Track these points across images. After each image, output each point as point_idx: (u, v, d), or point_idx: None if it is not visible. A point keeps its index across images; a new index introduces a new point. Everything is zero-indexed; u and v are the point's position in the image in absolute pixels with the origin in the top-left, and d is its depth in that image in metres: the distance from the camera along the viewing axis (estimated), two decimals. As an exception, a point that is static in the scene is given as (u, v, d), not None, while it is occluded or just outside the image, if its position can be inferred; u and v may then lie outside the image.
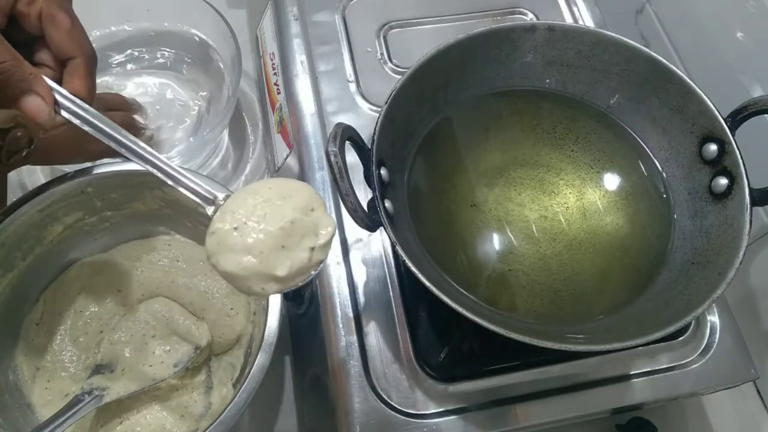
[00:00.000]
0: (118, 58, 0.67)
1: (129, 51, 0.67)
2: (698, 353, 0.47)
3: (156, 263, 0.53)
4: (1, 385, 0.46)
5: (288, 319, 0.56)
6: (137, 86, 0.66)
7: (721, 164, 0.44)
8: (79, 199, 0.48)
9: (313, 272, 0.34)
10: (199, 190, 0.36)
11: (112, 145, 0.35)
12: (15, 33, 0.36)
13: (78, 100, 0.36)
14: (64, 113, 0.36)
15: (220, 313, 0.50)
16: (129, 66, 0.67)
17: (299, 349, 0.54)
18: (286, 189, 0.34)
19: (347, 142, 0.39)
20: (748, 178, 0.42)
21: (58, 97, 0.35)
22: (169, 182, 0.36)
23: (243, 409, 0.40)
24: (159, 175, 0.36)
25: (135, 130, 0.58)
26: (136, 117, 0.60)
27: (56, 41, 0.36)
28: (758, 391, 0.57)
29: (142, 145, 0.36)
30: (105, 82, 0.65)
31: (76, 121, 0.35)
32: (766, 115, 0.43)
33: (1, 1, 0.35)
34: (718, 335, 0.48)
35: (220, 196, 0.35)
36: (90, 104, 0.36)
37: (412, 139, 0.47)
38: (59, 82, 0.36)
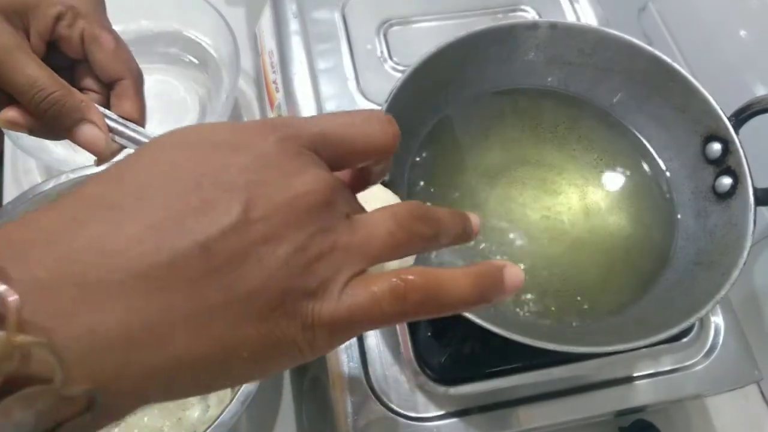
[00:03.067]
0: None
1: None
2: (702, 355, 0.47)
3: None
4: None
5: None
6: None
7: (725, 163, 0.43)
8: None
9: (410, 263, 0.33)
10: None
11: None
12: (54, 58, 0.34)
13: (131, 124, 0.34)
14: (118, 139, 0.34)
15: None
16: (127, 64, 0.66)
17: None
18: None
19: (347, 141, 0.39)
20: (752, 177, 0.42)
21: (110, 123, 0.34)
22: None
23: (241, 412, 0.40)
24: None
25: None
26: None
27: (102, 63, 0.34)
28: (762, 393, 0.56)
29: None
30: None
31: (132, 146, 0.34)
32: (770, 114, 0.42)
33: (39, 26, 0.33)
34: (722, 337, 0.47)
35: None
36: (143, 126, 0.35)
37: (413, 138, 0.47)
38: (107, 107, 0.35)
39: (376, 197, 0.32)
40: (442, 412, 0.43)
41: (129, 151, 0.34)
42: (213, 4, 0.62)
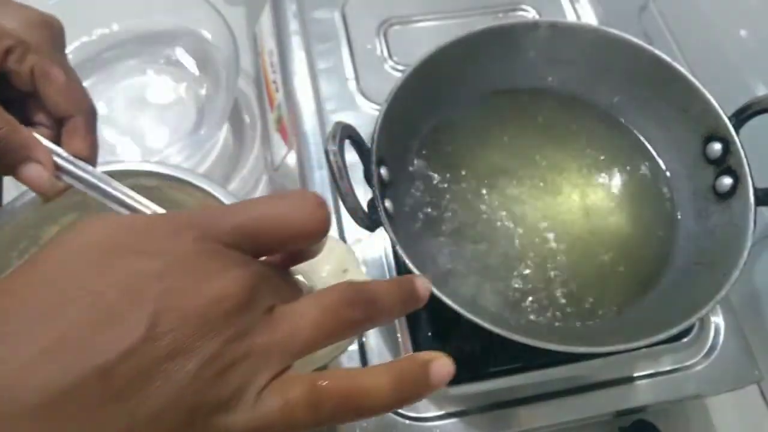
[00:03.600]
0: (115, 55, 0.66)
1: (127, 48, 0.66)
2: (702, 355, 0.47)
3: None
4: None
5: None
6: (134, 84, 0.65)
7: (726, 163, 0.43)
8: (76, 200, 0.47)
9: (349, 344, 0.32)
10: None
11: (122, 210, 0.32)
12: (4, 91, 0.33)
13: (80, 162, 0.33)
14: (66, 178, 0.32)
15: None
16: (126, 63, 0.66)
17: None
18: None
19: (347, 140, 0.39)
20: (753, 177, 0.42)
21: (57, 160, 0.32)
22: None
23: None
24: None
25: None
26: None
27: (52, 99, 0.33)
28: (762, 394, 0.56)
29: (159, 210, 0.32)
30: (103, 80, 0.65)
31: (80, 186, 0.32)
32: (771, 114, 0.42)
33: None
34: (722, 337, 0.47)
35: None
36: (93, 165, 0.33)
37: (413, 138, 0.47)
38: (57, 142, 0.33)
39: (330, 251, 0.31)
40: (442, 413, 0.43)
41: (77, 189, 0.33)
42: (213, 3, 0.62)
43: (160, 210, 0.32)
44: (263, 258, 0.23)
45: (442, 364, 0.23)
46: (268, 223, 0.22)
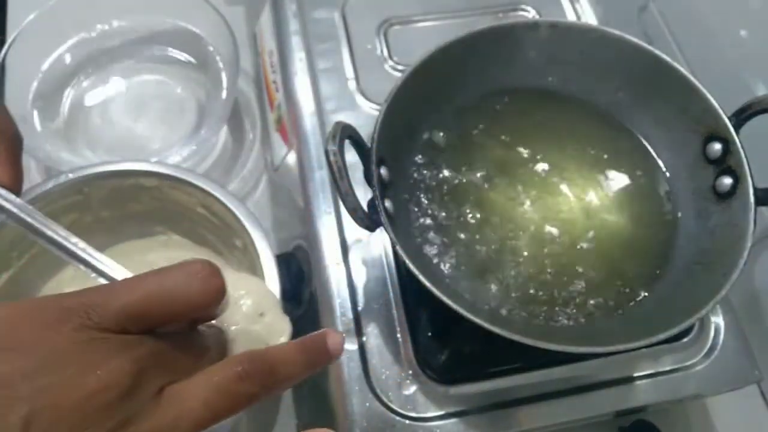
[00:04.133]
0: (115, 55, 0.66)
1: (126, 48, 0.66)
2: (702, 355, 0.47)
3: (152, 263, 0.52)
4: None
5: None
6: (134, 84, 0.65)
7: (726, 163, 0.43)
8: (75, 199, 0.48)
9: None
10: None
11: (42, 242, 0.31)
12: None
13: (2, 191, 0.31)
14: None
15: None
16: (125, 63, 0.66)
17: (298, 350, 0.53)
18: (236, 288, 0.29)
19: (347, 140, 0.39)
20: (753, 177, 0.42)
21: None
22: (100, 278, 0.30)
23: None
24: (91, 272, 0.31)
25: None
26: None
27: None
28: (762, 394, 0.56)
29: (79, 243, 0.31)
30: (102, 80, 0.65)
31: (1, 217, 0.31)
32: (771, 114, 0.42)
33: None
34: (722, 337, 0.47)
35: None
36: (17, 194, 0.32)
37: (413, 138, 0.47)
38: None
39: (247, 293, 0.30)
40: (442, 412, 0.43)
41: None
42: (212, 3, 0.62)
43: (79, 243, 0.31)
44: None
45: (335, 338, 0.25)
46: (155, 301, 0.22)
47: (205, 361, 0.24)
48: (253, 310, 0.29)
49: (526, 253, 0.44)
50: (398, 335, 0.45)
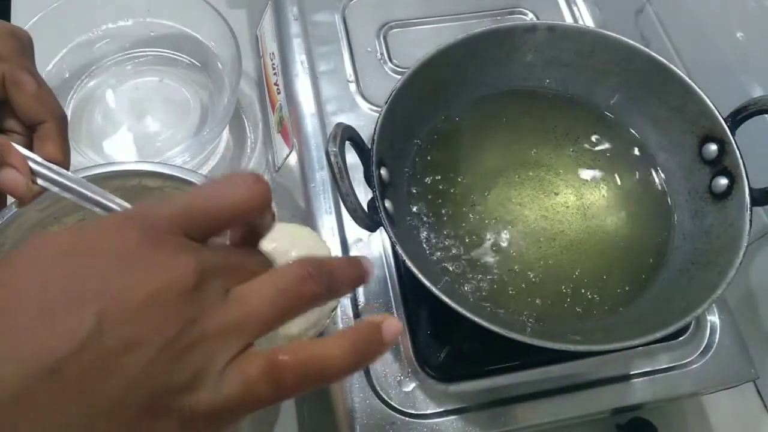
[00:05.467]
0: (118, 57, 0.67)
1: (129, 50, 0.67)
2: (698, 353, 0.47)
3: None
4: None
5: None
6: (137, 86, 0.66)
7: (721, 164, 0.44)
8: (79, 199, 0.48)
9: (326, 321, 0.32)
10: None
11: (97, 210, 0.33)
12: None
13: (54, 166, 0.33)
14: (40, 181, 0.33)
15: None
16: (128, 65, 0.67)
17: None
18: (286, 239, 0.31)
19: (347, 142, 0.39)
20: (748, 178, 0.42)
21: (32, 165, 0.33)
22: None
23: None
24: None
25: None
26: None
27: (23, 106, 0.33)
28: (758, 391, 0.57)
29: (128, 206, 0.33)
30: (105, 82, 0.66)
31: (55, 189, 0.33)
32: (766, 115, 0.43)
33: None
34: (718, 335, 0.48)
35: None
36: (66, 168, 0.34)
37: (413, 139, 0.47)
38: (30, 148, 0.34)
39: (302, 240, 0.31)
40: (441, 410, 0.44)
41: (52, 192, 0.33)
42: (215, 6, 0.62)
43: (130, 207, 0.32)
44: (219, 241, 0.24)
45: (392, 323, 0.24)
46: (212, 203, 0.23)
47: None
48: (306, 251, 0.30)
49: (523, 253, 0.45)
50: (398, 334, 0.45)
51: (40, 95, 0.34)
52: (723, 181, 0.44)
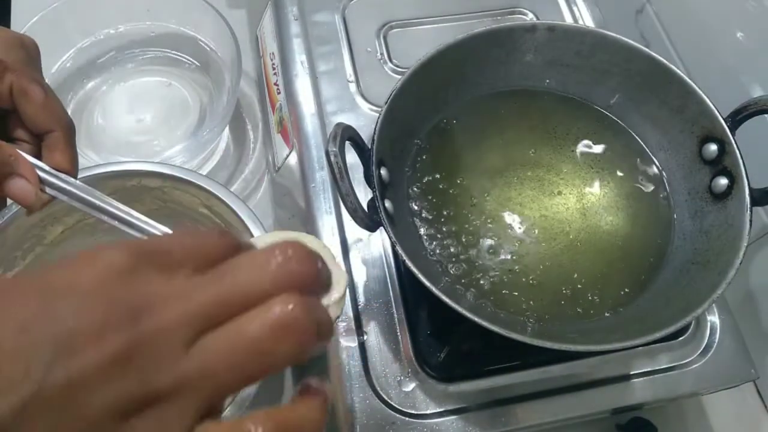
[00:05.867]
0: (118, 57, 0.67)
1: (129, 51, 0.67)
2: (698, 353, 0.47)
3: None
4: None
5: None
6: (137, 86, 0.66)
7: (721, 164, 0.44)
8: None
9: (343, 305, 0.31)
10: None
11: (105, 218, 0.34)
12: None
13: (62, 175, 0.34)
14: (49, 190, 0.34)
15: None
16: (128, 65, 0.67)
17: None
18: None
19: (347, 142, 0.39)
20: (748, 178, 0.42)
21: (41, 174, 0.33)
22: None
23: (242, 411, 0.40)
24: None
25: None
26: None
27: (31, 116, 0.34)
28: (758, 391, 0.57)
29: (140, 216, 0.34)
30: (105, 82, 0.66)
31: (63, 197, 0.34)
32: (766, 115, 0.43)
33: None
34: (718, 335, 0.48)
35: None
36: (74, 177, 0.35)
37: (413, 139, 0.48)
38: (38, 157, 0.34)
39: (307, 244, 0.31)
40: (441, 410, 0.44)
41: (60, 201, 0.34)
42: (215, 6, 0.62)
43: (137, 215, 0.33)
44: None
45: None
46: (227, 304, 0.21)
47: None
48: None
49: (523, 253, 0.45)
50: (398, 334, 0.45)
51: (47, 105, 0.34)
52: (723, 181, 0.44)
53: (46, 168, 0.34)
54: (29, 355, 0.18)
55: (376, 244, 0.49)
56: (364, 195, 0.39)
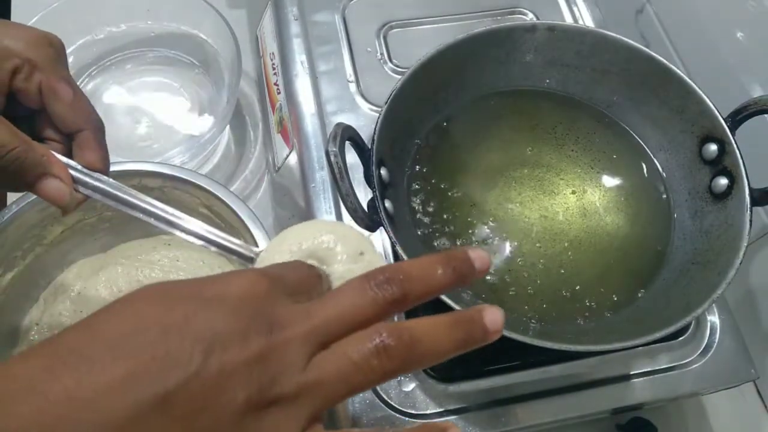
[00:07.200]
0: (118, 57, 0.67)
1: (129, 51, 0.67)
2: (698, 353, 0.47)
3: (156, 263, 0.53)
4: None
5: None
6: (137, 86, 0.66)
7: (721, 164, 0.44)
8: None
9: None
10: (239, 249, 0.34)
11: (140, 216, 0.34)
12: (14, 109, 0.33)
13: (94, 173, 0.34)
14: (82, 189, 0.34)
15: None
16: (128, 65, 0.67)
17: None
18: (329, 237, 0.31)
19: (347, 142, 0.39)
20: (748, 178, 0.42)
21: (73, 173, 0.33)
22: (211, 248, 0.34)
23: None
24: (196, 241, 0.34)
25: None
26: None
27: (61, 115, 0.34)
28: (758, 391, 0.57)
29: (177, 213, 0.34)
30: (105, 82, 0.66)
31: (97, 196, 0.34)
32: (766, 115, 0.43)
33: None
34: (718, 335, 0.48)
35: (256, 250, 0.34)
36: (106, 174, 0.35)
37: (413, 139, 0.48)
38: (69, 156, 0.34)
39: (345, 237, 0.32)
40: (441, 410, 0.44)
41: (94, 200, 0.34)
42: (215, 6, 0.62)
43: (172, 211, 0.34)
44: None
45: (494, 313, 0.26)
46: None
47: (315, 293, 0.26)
48: (353, 249, 0.30)
49: (523, 253, 0.45)
50: (398, 334, 0.45)
51: (76, 103, 0.34)
52: (723, 181, 0.44)
53: (79, 167, 0.34)
54: (192, 344, 0.21)
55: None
56: (364, 195, 0.40)
